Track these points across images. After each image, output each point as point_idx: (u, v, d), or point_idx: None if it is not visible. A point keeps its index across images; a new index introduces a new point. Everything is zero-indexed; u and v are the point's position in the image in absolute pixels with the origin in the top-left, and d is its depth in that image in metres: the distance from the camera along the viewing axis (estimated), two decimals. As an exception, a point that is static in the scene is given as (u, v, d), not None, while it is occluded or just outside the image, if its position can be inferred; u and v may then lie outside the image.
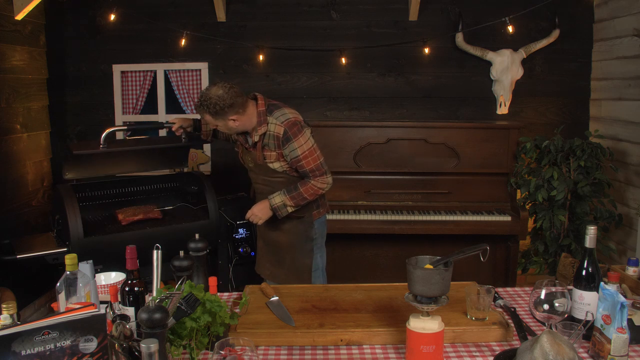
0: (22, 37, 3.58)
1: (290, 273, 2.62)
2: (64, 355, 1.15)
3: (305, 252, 2.62)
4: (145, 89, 4.28)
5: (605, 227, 3.56)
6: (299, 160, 2.44)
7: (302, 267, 2.61)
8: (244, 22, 4.16)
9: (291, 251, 2.62)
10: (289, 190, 2.46)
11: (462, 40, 4.01)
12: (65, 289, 1.42)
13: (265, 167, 2.51)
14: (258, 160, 2.50)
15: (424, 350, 1.36)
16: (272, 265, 2.68)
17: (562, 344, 1.22)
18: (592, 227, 1.54)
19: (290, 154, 2.43)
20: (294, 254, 2.61)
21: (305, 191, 2.45)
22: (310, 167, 2.45)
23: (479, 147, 3.67)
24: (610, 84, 3.86)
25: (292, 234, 2.61)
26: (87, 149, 2.96)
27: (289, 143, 2.41)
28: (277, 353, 1.50)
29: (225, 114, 2.36)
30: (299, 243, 2.61)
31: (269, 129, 2.43)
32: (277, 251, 2.65)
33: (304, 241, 2.62)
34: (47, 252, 2.92)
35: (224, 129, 2.45)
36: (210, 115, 2.38)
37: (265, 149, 2.47)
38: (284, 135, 2.40)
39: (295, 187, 2.46)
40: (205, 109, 2.36)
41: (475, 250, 1.46)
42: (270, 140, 2.44)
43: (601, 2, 3.94)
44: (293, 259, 2.61)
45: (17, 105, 3.53)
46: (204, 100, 2.36)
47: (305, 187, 2.45)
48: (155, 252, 1.51)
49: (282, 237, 2.63)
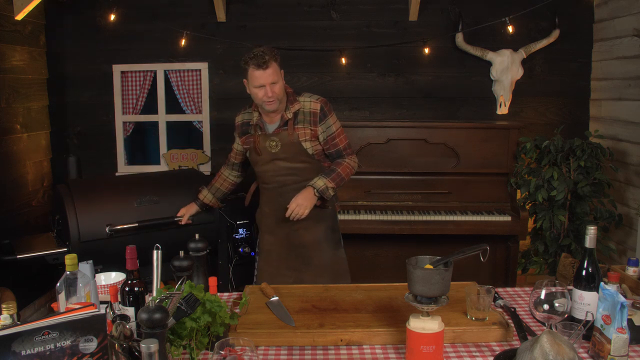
0: (22, 37, 3.58)
1: (320, 270, 2.49)
2: (64, 355, 1.15)
3: (334, 243, 2.56)
4: (145, 89, 4.28)
5: (605, 227, 3.56)
6: (334, 138, 2.44)
7: (336, 260, 2.53)
8: (244, 22, 4.16)
9: (319, 247, 2.51)
10: (326, 173, 2.40)
11: (462, 40, 4.01)
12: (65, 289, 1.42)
13: (295, 148, 2.41)
14: (290, 137, 2.40)
15: (424, 351, 1.36)
16: (296, 271, 2.51)
17: (562, 344, 1.22)
18: (592, 227, 1.54)
19: (326, 131, 2.43)
20: (323, 249, 2.52)
21: (343, 170, 2.42)
22: (343, 145, 2.47)
23: (479, 147, 3.67)
24: (610, 84, 3.86)
25: (317, 229, 2.51)
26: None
27: (325, 119, 2.41)
28: (277, 353, 1.50)
29: (280, 65, 2.36)
30: (326, 236, 2.53)
31: (303, 106, 2.41)
32: (301, 252, 2.51)
33: (331, 233, 2.55)
34: (47, 252, 2.92)
35: (277, 88, 2.34)
36: (277, 64, 2.33)
37: (298, 127, 2.41)
38: (321, 111, 2.41)
39: (331, 170, 2.42)
40: (274, 57, 2.32)
41: (475, 251, 1.46)
42: (306, 116, 2.41)
43: (601, 2, 3.94)
44: (322, 255, 2.51)
45: (17, 105, 3.53)
46: (267, 50, 2.32)
47: (341, 166, 2.43)
48: (155, 252, 1.51)
49: (306, 235, 2.50)
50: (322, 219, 2.52)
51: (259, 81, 2.31)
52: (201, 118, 4.28)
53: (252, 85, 2.36)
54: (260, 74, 2.30)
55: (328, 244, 2.53)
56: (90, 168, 4.15)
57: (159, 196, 3.13)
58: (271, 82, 2.31)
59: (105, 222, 2.94)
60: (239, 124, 2.62)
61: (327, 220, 2.54)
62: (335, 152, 2.47)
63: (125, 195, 3.08)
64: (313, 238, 2.50)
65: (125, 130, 4.33)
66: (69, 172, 3.62)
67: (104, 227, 2.93)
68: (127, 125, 4.34)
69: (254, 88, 2.35)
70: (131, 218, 3.01)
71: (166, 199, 3.15)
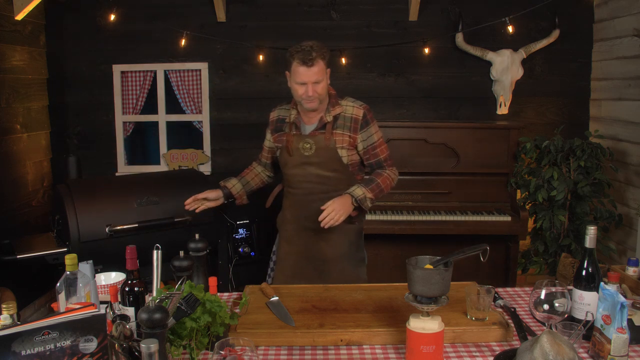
0: (22, 37, 3.58)
1: None
2: (64, 355, 1.15)
3: (355, 261, 2.37)
4: (145, 89, 4.28)
5: (605, 227, 3.56)
6: (374, 147, 2.29)
7: (355, 279, 2.29)
8: (244, 22, 4.16)
9: (339, 264, 2.32)
10: (365, 182, 2.23)
11: (462, 40, 4.01)
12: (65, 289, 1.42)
13: (329, 154, 2.25)
14: (327, 141, 2.24)
15: (424, 351, 1.36)
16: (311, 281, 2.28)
17: (562, 344, 1.22)
18: (592, 227, 1.54)
19: (367, 140, 2.28)
20: (343, 266, 2.33)
21: (383, 181, 2.24)
22: (384, 156, 2.31)
23: (479, 147, 3.67)
24: (610, 84, 3.86)
25: (340, 244, 2.33)
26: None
27: (367, 127, 2.27)
28: (277, 353, 1.50)
29: (328, 63, 2.20)
30: (348, 254, 2.35)
31: (345, 110, 2.27)
32: (319, 266, 2.33)
33: (354, 250, 2.36)
34: (47, 252, 2.92)
35: (320, 88, 2.18)
36: (324, 62, 2.18)
37: (337, 132, 2.25)
38: (363, 118, 2.26)
39: (370, 180, 2.24)
40: (322, 55, 2.16)
41: (475, 251, 1.46)
42: (347, 122, 2.26)
43: (601, 2, 3.94)
44: (341, 272, 2.31)
45: (17, 105, 3.53)
46: (316, 46, 2.16)
47: (381, 177, 2.25)
48: (155, 252, 1.51)
49: (327, 249, 2.32)
50: (345, 234, 2.34)
51: (302, 78, 2.17)
52: (201, 118, 4.28)
53: (293, 80, 2.21)
54: (304, 70, 2.15)
55: (349, 261, 2.35)
56: (90, 168, 4.15)
57: (159, 196, 3.14)
58: (314, 81, 2.16)
59: (105, 222, 2.94)
60: (273, 119, 2.43)
61: (351, 235, 2.36)
62: (375, 163, 2.31)
63: (125, 196, 3.09)
64: (333, 253, 2.32)
65: (125, 130, 4.33)
66: (69, 172, 3.62)
67: (104, 227, 2.93)
68: (127, 125, 4.34)
69: (295, 84, 2.21)
70: (131, 218, 3.01)
71: (166, 199, 3.15)
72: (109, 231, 2.92)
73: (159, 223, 3.05)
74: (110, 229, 2.92)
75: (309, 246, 2.34)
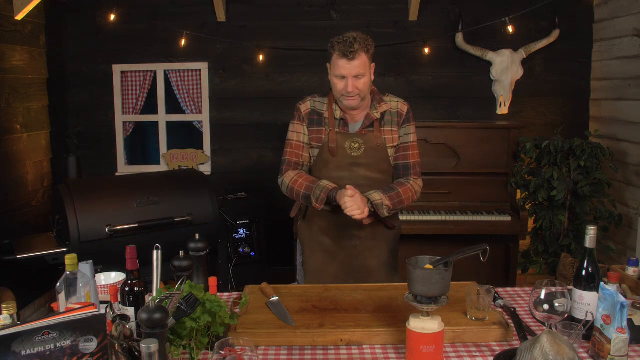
0: (22, 37, 3.58)
1: None
2: (64, 356, 1.15)
3: (391, 269, 2.22)
4: (145, 89, 4.28)
5: (605, 227, 3.56)
6: (407, 148, 2.12)
7: None
8: (244, 22, 4.16)
9: (381, 273, 2.17)
10: (385, 190, 2.03)
11: (462, 40, 4.01)
12: (65, 289, 1.42)
13: (380, 154, 2.10)
14: (377, 140, 2.09)
15: (424, 351, 1.36)
16: None
17: (562, 344, 1.22)
18: (592, 227, 1.54)
19: (404, 137, 2.12)
20: (380, 275, 2.17)
21: (404, 192, 2.04)
22: (414, 161, 2.13)
23: (479, 147, 3.67)
24: (610, 84, 3.86)
25: (383, 252, 2.18)
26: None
27: (408, 124, 2.13)
28: (277, 353, 1.50)
29: (372, 57, 2.03)
30: (387, 261, 2.20)
31: (391, 105, 2.13)
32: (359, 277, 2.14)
33: (392, 258, 2.22)
34: (47, 252, 2.92)
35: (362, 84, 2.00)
36: (368, 56, 2.00)
37: (386, 130, 2.11)
38: (407, 114, 2.14)
39: (391, 188, 2.05)
40: (365, 48, 1.98)
41: (475, 251, 1.46)
42: (394, 117, 2.12)
43: (601, 2, 3.94)
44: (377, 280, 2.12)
45: (17, 105, 3.53)
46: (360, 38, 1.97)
47: (403, 188, 2.05)
48: (155, 252, 1.51)
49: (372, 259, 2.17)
50: (386, 241, 2.19)
51: (341, 71, 1.99)
52: (201, 118, 4.28)
53: (333, 73, 2.04)
54: (344, 63, 1.97)
55: (387, 269, 2.20)
56: (90, 168, 4.16)
57: (159, 196, 3.13)
58: (355, 75, 1.99)
59: (105, 222, 2.94)
60: (307, 111, 2.17)
61: (391, 242, 2.22)
62: (402, 166, 2.12)
63: (125, 196, 3.08)
64: (377, 262, 2.17)
65: (125, 130, 4.33)
66: (69, 172, 3.62)
67: (104, 227, 2.93)
68: (127, 125, 4.34)
69: (334, 77, 2.03)
70: (131, 218, 3.01)
71: (166, 199, 3.15)
72: (109, 231, 2.92)
73: (159, 223, 3.04)
74: (110, 229, 2.92)
75: (353, 257, 2.16)
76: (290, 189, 2.10)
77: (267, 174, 3.97)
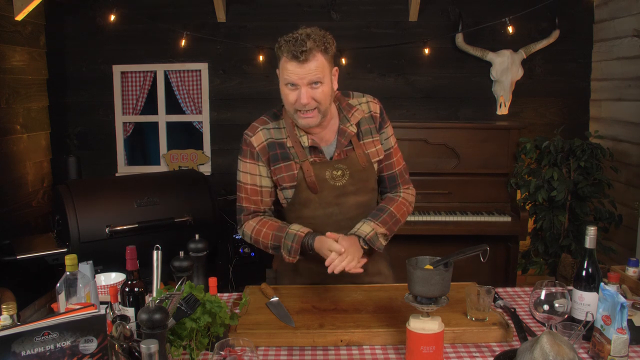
0: (22, 37, 3.58)
1: None
2: (64, 356, 1.15)
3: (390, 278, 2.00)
4: (145, 90, 4.28)
5: (605, 228, 3.56)
6: (389, 156, 1.80)
7: None
8: (244, 23, 4.17)
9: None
10: (374, 215, 1.72)
11: (462, 40, 4.01)
12: (65, 290, 1.42)
13: (365, 175, 1.76)
14: (362, 161, 1.73)
15: (424, 351, 1.36)
16: None
17: (562, 345, 1.22)
18: (592, 227, 1.54)
19: (385, 143, 1.78)
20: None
21: (398, 209, 1.74)
22: (399, 168, 1.81)
23: (479, 148, 3.67)
24: (610, 84, 3.86)
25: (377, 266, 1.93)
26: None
27: (385, 126, 1.79)
28: (277, 353, 1.50)
29: (332, 58, 1.64)
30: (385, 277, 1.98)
31: (364, 110, 1.76)
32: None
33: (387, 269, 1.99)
34: (47, 253, 2.93)
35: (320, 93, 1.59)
36: (326, 57, 1.60)
37: (366, 143, 1.75)
38: (380, 115, 1.78)
39: (381, 209, 1.74)
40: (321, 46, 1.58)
41: (475, 251, 1.45)
42: (370, 123, 1.76)
43: (601, 3, 3.94)
44: None
45: (17, 106, 3.53)
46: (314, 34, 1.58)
47: (395, 204, 1.74)
48: (155, 252, 1.51)
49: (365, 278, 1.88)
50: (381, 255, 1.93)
51: (291, 77, 1.58)
52: (201, 118, 4.28)
53: (282, 81, 1.62)
54: (294, 67, 1.57)
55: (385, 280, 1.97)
56: (90, 168, 4.16)
57: (158, 197, 3.14)
58: (310, 82, 1.58)
59: (105, 222, 2.94)
60: (262, 146, 1.73)
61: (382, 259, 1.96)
62: (388, 177, 1.81)
63: (125, 196, 3.09)
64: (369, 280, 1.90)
65: (125, 131, 4.33)
66: (69, 173, 3.62)
67: (104, 227, 2.93)
68: (127, 125, 4.34)
69: (284, 87, 1.62)
70: (131, 219, 3.01)
71: (166, 199, 3.15)
72: (108, 231, 2.92)
73: (159, 223, 3.05)
74: (110, 230, 2.92)
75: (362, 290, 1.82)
76: (255, 241, 1.77)
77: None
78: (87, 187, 3.13)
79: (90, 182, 3.38)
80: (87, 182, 3.38)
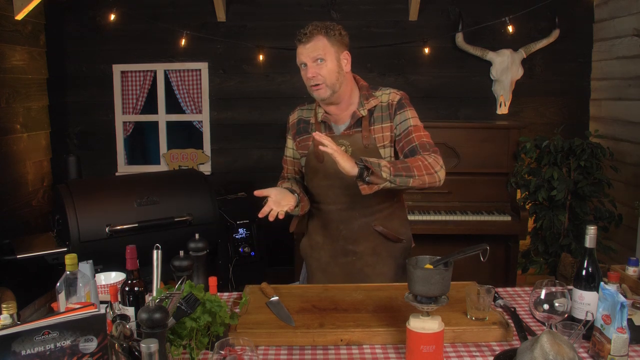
0: (22, 37, 3.58)
1: None
2: (64, 355, 1.15)
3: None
4: (145, 89, 4.28)
5: (605, 227, 3.56)
6: (408, 133, 1.90)
7: None
8: (244, 22, 4.17)
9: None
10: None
11: (462, 40, 4.01)
12: (65, 289, 1.42)
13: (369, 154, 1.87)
14: (365, 140, 1.89)
15: (424, 350, 1.36)
16: None
17: (562, 344, 1.22)
18: (592, 227, 1.54)
19: (401, 124, 1.91)
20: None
21: (412, 162, 1.78)
22: (421, 142, 1.89)
23: (479, 147, 3.67)
24: (610, 84, 3.86)
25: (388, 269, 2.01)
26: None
27: (402, 110, 1.93)
28: (277, 353, 1.50)
29: (343, 44, 1.90)
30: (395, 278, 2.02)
31: (381, 99, 1.94)
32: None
33: (401, 275, 2.01)
34: (47, 252, 2.92)
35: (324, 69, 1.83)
36: (329, 39, 1.85)
37: (376, 128, 1.91)
38: (398, 102, 1.93)
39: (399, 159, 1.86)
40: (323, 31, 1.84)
41: (475, 250, 1.45)
42: (384, 111, 1.92)
43: (601, 2, 3.94)
44: None
45: (17, 105, 3.53)
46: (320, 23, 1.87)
47: (411, 159, 1.81)
48: (155, 252, 1.51)
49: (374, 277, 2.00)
50: (392, 256, 2.01)
51: (300, 57, 1.86)
52: (201, 118, 4.28)
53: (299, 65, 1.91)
54: (300, 49, 1.86)
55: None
56: (90, 168, 4.16)
57: (158, 196, 3.14)
58: (313, 59, 1.83)
59: (105, 222, 2.94)
60: (294, 122, 2.06)
61: (399, 258, 2.03)
62: (409, 151, 1.89)
63: (125, 195, 3.09)
64: (381, 281, 1.97)
65: (125, 130, 4.33)
66: (69, 172, 3.62)
67: (104, 227, 2.93)
68: (127, 125, 4.34)
69: (300, 68, 1.90)
70: (131, 218, 3.01)
71: (166, 199, 3.15)
72: (108, 231, 2.92)
73: (159, 223, 3.05)
74: (110, 229, 2.92)
75: (351, 275, 1.98)
76: None
77: (267, 174, 3.97)
78: (87, 187, 3.13)
79: (90, 182, 3.38)
80: (87, 182, 3.38)
